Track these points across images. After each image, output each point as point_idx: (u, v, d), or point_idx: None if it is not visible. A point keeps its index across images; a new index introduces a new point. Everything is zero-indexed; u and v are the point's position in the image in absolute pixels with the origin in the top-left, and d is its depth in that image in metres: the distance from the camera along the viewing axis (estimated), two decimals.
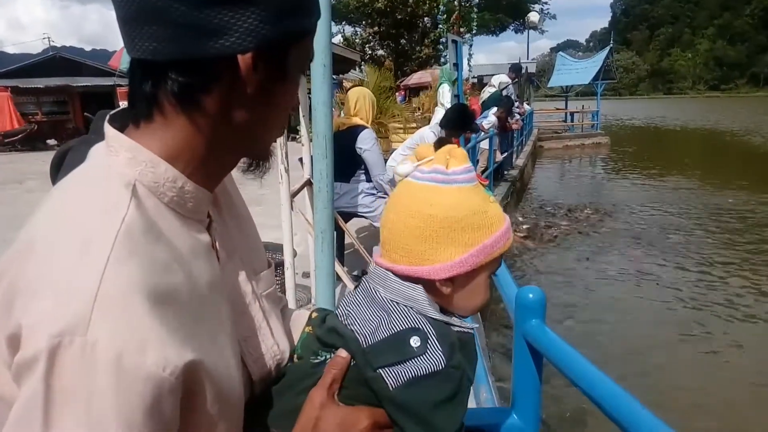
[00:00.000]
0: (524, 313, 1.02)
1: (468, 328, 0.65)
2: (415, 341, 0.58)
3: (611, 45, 21.30)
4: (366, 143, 3.38)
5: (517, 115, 9.58)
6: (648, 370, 3.92)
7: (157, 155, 0.53)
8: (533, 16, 27.15)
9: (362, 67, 16.51)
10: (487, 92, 8.98)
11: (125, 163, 0.53)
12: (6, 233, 1.54)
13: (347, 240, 3.43)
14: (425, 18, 19.76)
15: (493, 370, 3.21)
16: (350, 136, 3.38)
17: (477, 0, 12.51)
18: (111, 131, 0.55)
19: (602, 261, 6.46)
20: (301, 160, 2.54)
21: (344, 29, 21.90)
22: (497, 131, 7.51)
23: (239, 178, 0.68)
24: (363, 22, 20.56)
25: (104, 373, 0.41)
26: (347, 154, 3.29)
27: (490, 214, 0.63)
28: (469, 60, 9.65)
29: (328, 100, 1.65)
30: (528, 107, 14.34)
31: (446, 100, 6.38)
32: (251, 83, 0.52)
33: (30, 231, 0.50)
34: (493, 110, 7.59)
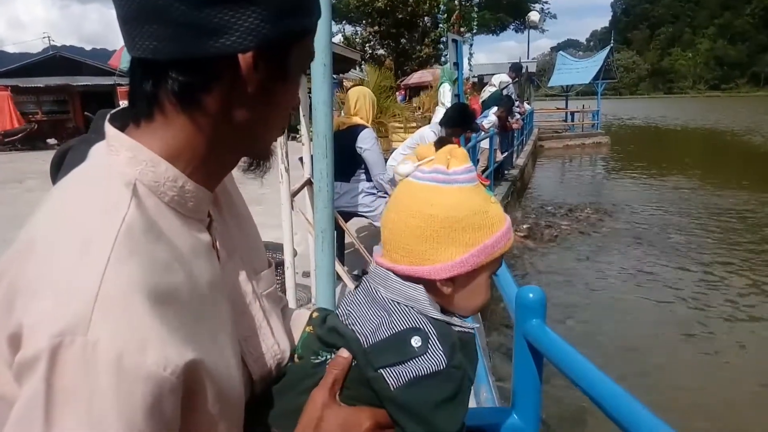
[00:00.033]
0: (524, 313, 1.02)
1: (469, 328, 0.65)
2: (416, 341, 0.58)
3: (611, 44, 21.32)
4: (366, 143, 3.38)
5: (518, 115, 9.59)
6: (648, 370, 3.92)
7: (158, 154, 0.53)
8: (534, 16, 27.14)
9: (362, 67, 16.49)
10: (488, 92, 8.97)
11: (126, 163, 0.53)
12: (6, 233, 1.54)
13: (347, 239, 3.43)
14: (426, 17, 19.74)
15: (494, 370, 3.21)
16: (350, 136, 3.38)
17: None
18: (111, 130, 0.55)
19: (603, 261, 6.45)
20: (302, 160, 2.54)
21: (344, 28, 21.91)
22: (497, 131, 7.51)
23: (239, 178, 0.68)
24: (363, 22, 20.54)
25: (105, 373, 0.41)
26: (347, 154, 3.29)
27: (491, 214, 0.63)
28: (470, 59, 9.66)
29: (329, 100, 1.65)
30: (528, 107, 14.34)
31: (447, 100, 6.38)
32: (252, 82, 0.52)
33: (30, 231, 0.50)
34: (494, 110, 7.59)
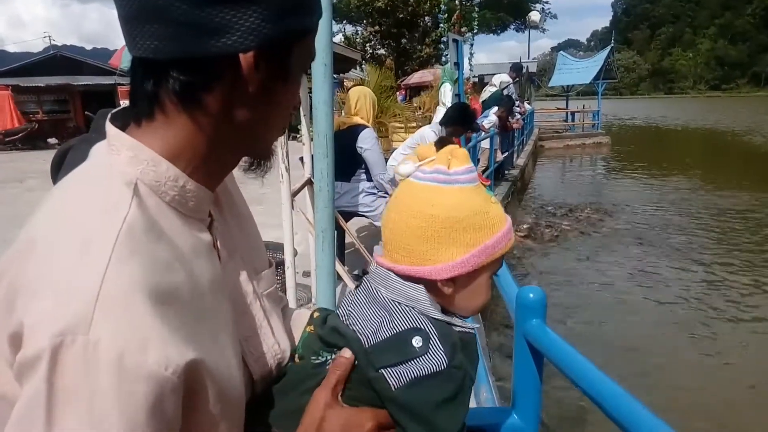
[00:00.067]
0: (525, 313, 1.02)
1: (469, 328, 0.65)
2: (417, 341, 0.58)
3: (612, 44, 21.32)
4: (366, 142, 3.38)
5: (518, 115, 9.59)
6: (648, 370, 3.92)
7: (159, 154, 0.53)
8: (534, 16, 27.15)
9: (363, 67, 16.47)
10: (488, 91, 8.98)
11: (127, 162, 0.53)
12: (6, 232, 1.54)
13: (348, 239, 3.43)
14: (426, 17, 19.73)
15: (494, 370, 3.22)
16: (351, 136, 3.38)
17: None
18: (112, 130, 0.55)
19: (603, 261, 6.45)
20: (302, 159, 2.54)
21: (345, 28, 21.89)
22: (498, 131, 7.51)
23: (240, 177, 0.68)
24: (364, 21, 20.53)
25: (106, 373, 0.41)
26: (348, 154, 3.29)
27: (492, 215, 0.63)
28: (470, 59, 9.65)
29: (329, 100, 1.65)
30: (529, 107, 14.34)
31: (447, 99, 6.38)
32: (253, 82, 0.52)
33: (31, 230, 0.50)
34: (494, 110, 7.59)
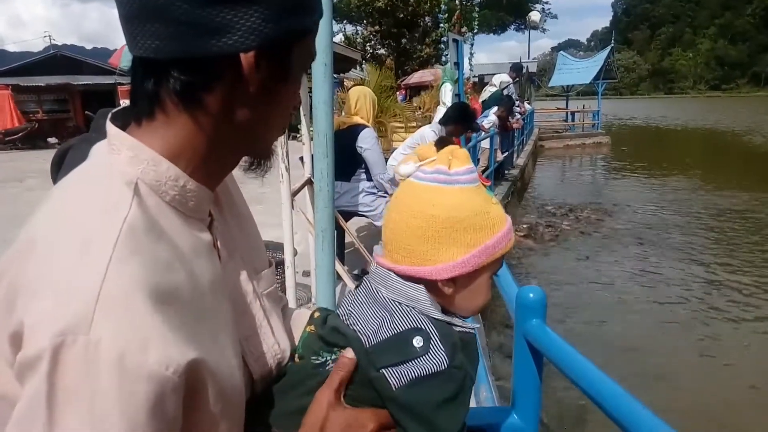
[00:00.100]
0: (525, 313, 1.02)
1: (469, 328, 0.65)
2: (418, 341, 0.58)
3: (612, 44, 21.31)
4: (366, 142, 3.38)
5: (518, 115, 9.59)
6: (648, 370, 3.92)
7: (159, 154, 0.53)
8: (534, 16, 27.14)
9: (363, 66, 16.46)
10: (488, 91, 8.98)
11: (127, 162, 0.53)
12: (6, 232, 1.54)
13: (348, 239, 3.43)
14: (426, 17, 19.71)
15: (494, 370, 3.22)
16: (351, 135, 3.38)
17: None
18: (113, 129, 0.55)
19: (603, 261, 6.46)
20: (302, 159, 2.54)
21: (345, 28, 21.86)
22: (498, 130, 7.51)
23: (240, 177, 0.68)
24: (364, 21, 20.51)
25: (107, 372, 0.41)
26: (348, 153, 3.29)
27: (492, 215, 0.63)
28: (470, 59, 9.64)
29: (329, 99, 1.65)
30: (529, 106, 14.34)
31: (448, 99, 6.39)
32: (253, 82, 0.52)
33: (31, 230, 0.50)
34: (494, 109, 7.60)
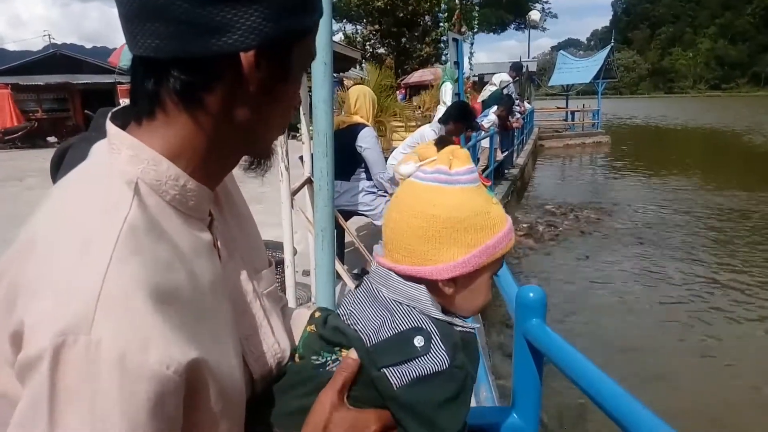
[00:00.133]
0: (525, 313, 1.02)
1: (470, 328, 0.65)
2: (419, 341, 0.58)
3: (612, 44, 21.32)
4: (366, 141, 3.38)
5: (518, 114, 9.59)
6: (648, 370, 3.92)
7: (159, 153, 0.53)
8: (534, 15, 27.17)
9: (363, 66, 16.45)
10: (488, 91, 8.98)
11: (127, 161, 0.53)
12: (6, 232, 1.53)
13: (347, 238, 3.43)
14: (426, 16, 19.70)
15: (494, 369, 3.22)
16: (350, 135, 3.38)
17: None
18: (113, 129, 0.55)
19: (603, 260, 6.46)
20: (302, 158, 2.54)
21: (345, 27, 21.83)
22: (498, 130, 7.51)
23: (240, 176, 0.67)
24: (364, 20, 20.49)
25: (108, 372, 0.41)
26: (347, 153, 3.29)
27: (493, 215, 0.63)
28: (470, 58, 9.65)
29: (329, 98, 1.65)
30: (529, 106, 14.33)
31: (448, 98, 6.39)
32: (253, 81, 0.52)
33: (31, 230, 0.50)
34: (494, 109, 7.60)
